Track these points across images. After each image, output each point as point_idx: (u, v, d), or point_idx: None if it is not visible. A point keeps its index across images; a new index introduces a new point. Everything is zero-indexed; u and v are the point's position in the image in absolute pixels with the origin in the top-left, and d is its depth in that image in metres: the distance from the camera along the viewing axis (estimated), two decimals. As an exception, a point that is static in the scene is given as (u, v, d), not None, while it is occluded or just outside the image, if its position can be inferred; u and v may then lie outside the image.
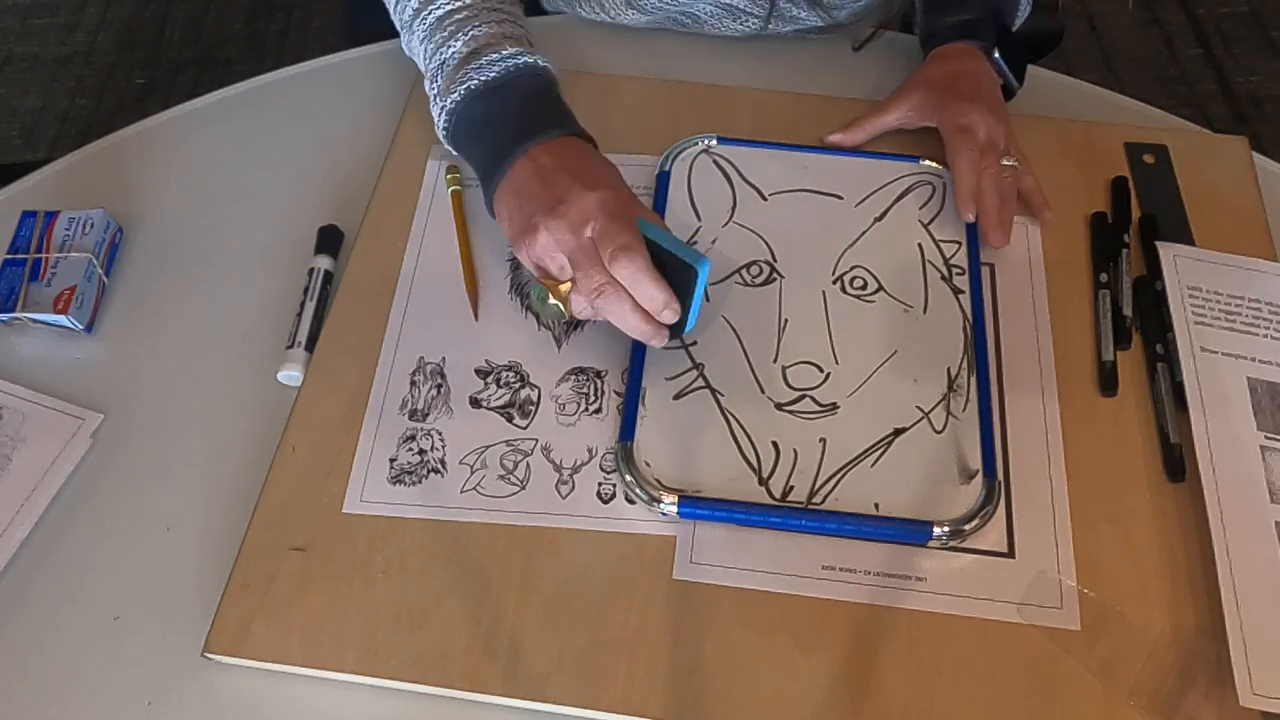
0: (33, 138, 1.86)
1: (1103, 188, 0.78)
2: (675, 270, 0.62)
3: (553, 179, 0.63)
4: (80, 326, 0.71)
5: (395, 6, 0.76)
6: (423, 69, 0.73)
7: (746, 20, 0.85)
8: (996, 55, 0.79)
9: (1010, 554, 0.61)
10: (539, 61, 0.69)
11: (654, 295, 0.61)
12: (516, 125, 0.67)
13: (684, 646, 0.58)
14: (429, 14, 0.72)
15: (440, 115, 0.70)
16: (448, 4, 0.71)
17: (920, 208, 0.76)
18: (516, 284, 0.72)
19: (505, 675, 0.57)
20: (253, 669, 0.58)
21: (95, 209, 0.74)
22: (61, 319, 0.70)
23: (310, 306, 0.71)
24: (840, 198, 0.76)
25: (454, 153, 0.73)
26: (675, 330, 0.64)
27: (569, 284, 0.62)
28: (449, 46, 0.70)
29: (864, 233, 0.74)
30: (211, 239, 0.77)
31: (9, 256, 0.72)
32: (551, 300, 0.61)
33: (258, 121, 0.84)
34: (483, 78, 0.68)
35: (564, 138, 0.66)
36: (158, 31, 2.03)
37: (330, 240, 0.75)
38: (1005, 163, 0.74)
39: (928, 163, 0.78)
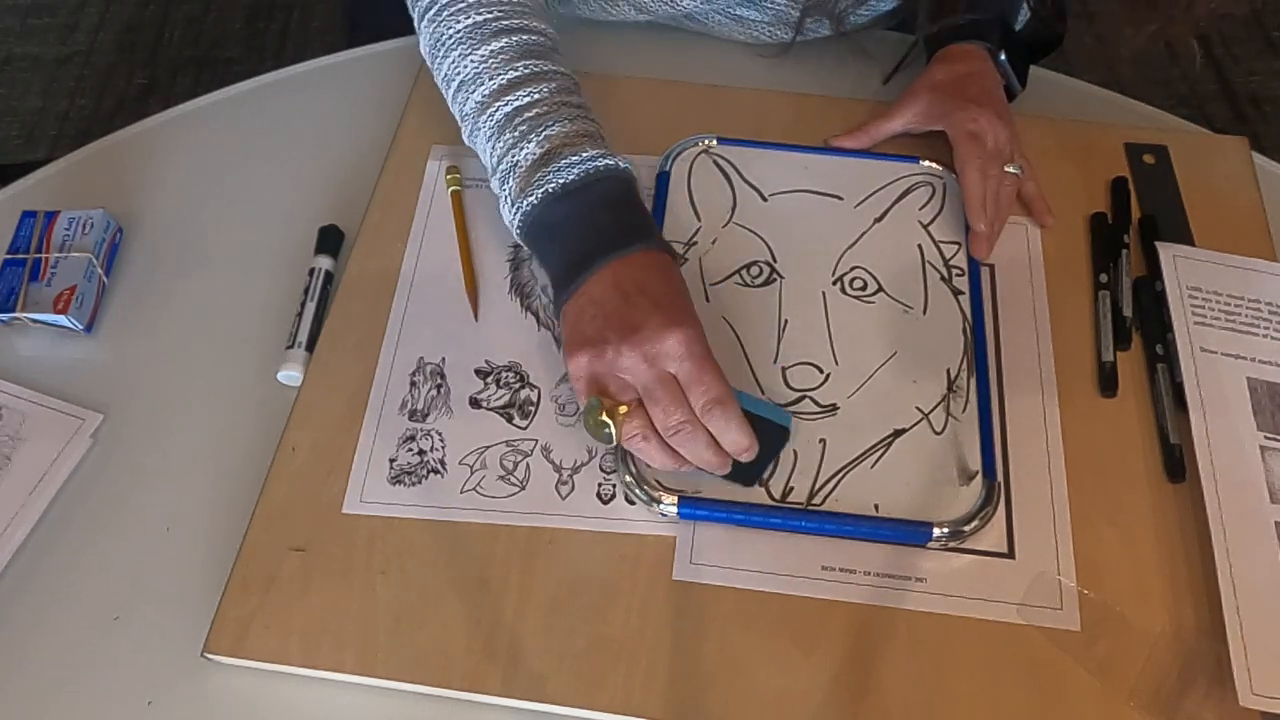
0: (33, 138, 1.86)
1: (1102, 188, 0.78)
2: (756, 424, 0.61)
3: (632, 299, 0.61)
4: (80, 326, 0.71)
5: (455, 99, 0.72)
6: (487, 165, 0.69)
7: (770, 33, 0.86)
8: (1002, 58, 0.79)
9: (1010, 554, 0.61)
10: (619, 164, 0.66)
11: (739, 441, 0.60)
12: (597, 234, 0.64)
13: (684, 647, 0.58)
14: (496, 110, 0.68)
15: (515, 216, 0.66)
16: (517, 100, 0.68)
17: (920, 208, 0.76)
18: (516, 284, 0.72)
19: (505, 676, 0.57)
20: (252, 669, 0.58)
21: (95, 209, 0.74)
22: (61, 319, 0.70)
23: (310, 306, 0.71)
24: (840, 198, 0.76)
25: (525, 248, 0.70)
26: (748, 476, 0.62)
27: (627, 406, 0.60)
28: (521, 148, 0.66)
29: (864, 233, 0.74)
30: (211, 239, 0.77)
31: (9, 256, 0.72)
32: (604, 418, 0.59)
33: (258, 121, 0.84)
34: (561, 180, 0.64)
35: (645, 252, 0.63)
36: (158, 31, 2.03)
37: (330, 240, 0.75)
38: (1008, 169, 0.74)
39: (928, 164, 0.78)
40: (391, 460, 0.64)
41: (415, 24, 0.76)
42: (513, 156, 0.67)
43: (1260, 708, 0.55)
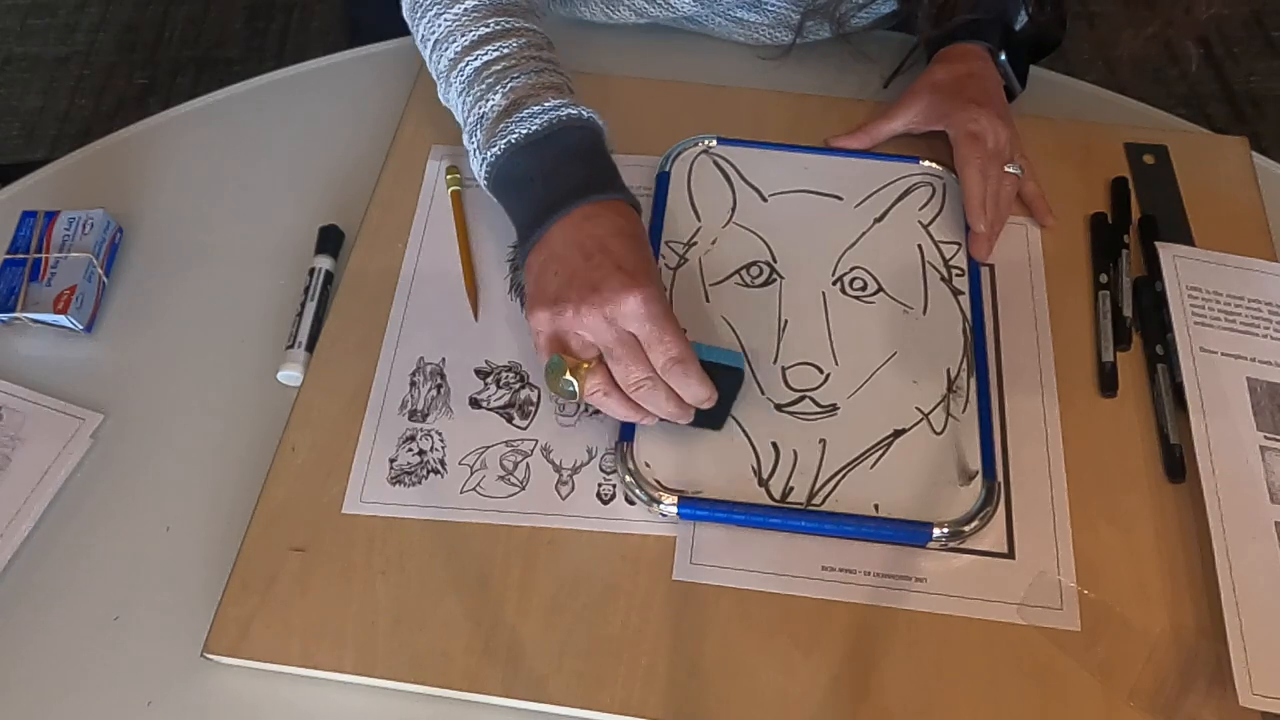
0: (33, 138, 1.86)
1: (1102, 188, 0.78)
2: (713, 372, 0.63)
3: (594, 257, 0.61)
4: (80, 326, 0.71)
5: (430, 58, 0.73)
6: (460, 121, 0.70)
7: (770, 35, 0.86)
8: (1003, 58, 0.79)
9: (1010, 555, 0.61)
10: (583, 113, 0.67)
11: (699, 394, 0.61)
12: (559, 183, 0.64)
13: (684, 647, 0.58)
14: (466, 65, 0.69)
15: (481, 167, 0.68)
16: (485, 54, 0.69)
17: (920, 209, 0.76)
18: (516, 284, 0.72)
19: (505, 676, 0.57)
20: (252, 669, 0.58)
21: (95, 209, 0.74)
22: (61, 319, 0.70)
23: (310, 306, 0.71)
24: (840, 198, 0.76)
25: (495, 200, 0.70)
26: (712, 420, 0.64)
27: (588, 364, 0.61)
28: (487, 100, 0.67)
29: (864, 234, 0.74)
30: (211, 239, 0.77)
31: (9, 256, 0.72)
32: (567, 376, 0.60)
33: (258, 121, 0.84)
34: (524, 130, 0.65)
35: (608, 202, 0.64)
36: (158, 31, 2.03)
37: (330, 240, 0.75)
38: (1009, 170, 0.74)
39: (928, 164, 0.78)
40: (391, 460, 0.64)
41: None
42: (479, 109, 0.68)
43: (1260, 708, 0.55)
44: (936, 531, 0.61)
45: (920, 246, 0.74)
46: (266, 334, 0.71)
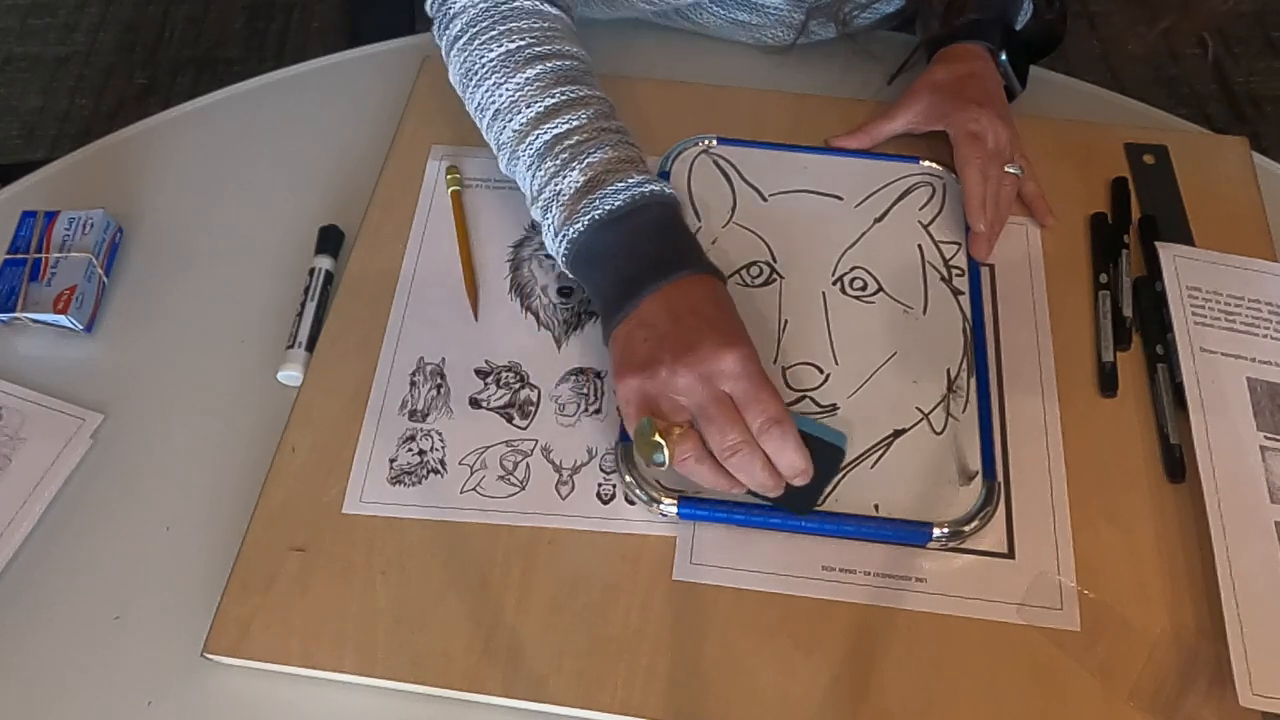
0: (33, 138, 1.86)
1: (1103, 188, 0.78)
2: (811, 446, 0.60)
3: (684, 320, 0.60)
4: (80, 326, 0.71)
5: (490, 126, 0.71)
6: (527, 192, 0.69)
7: (772, 35, 0.85)
8: (1003, 58, 0.79)
9: (1010, 555, 0.61)
10: (664, 190, 0.65)
11: (795, 463, 0.59)
12: (645, 260, 0.63)
13: (684, 647, 0.58)
14: (535, 139, 0.67)
15: (561, 244, 0.65)
16: (555, 128, 0.67)
17: (920, 209, 0.76)
18: (516, 284, 0.72)
19: (505, 676, 0.57)
20: (252, 669, 0.58)
21: (95, 209, 0.74)
22: (61, 319, 0.70)
23: (310, 306, 0.71)
24: (840, 198, 0.76)
25: (570, 275, 0.68)
26: (802, 502, 0.61)
27: (680, 428, 0.59)
28: (564, 176, 0.65)
29: (864, 234, 0.74)
30: (211, 239, 0.77)
31: (9, 256, 0.72)
32: (657, 438, 0.58)
33: (258, 121, 0.84)
34: (607, 207, 0.64)
35: (694, 276, 0.62)
36: (158, 31, 2.03)
37: (330, 240, 0.75)
38: (1009, 170, 0.74)
39: (928, 164, 0.78)
40: (391, 460, 0.64)
41: (444, 53, 0.75)
42: (555, 185, 0.66)
43: (1260, 708, 0.55)
44: (936, 531, 0.61)
45: (920, 246, 0.74)
46: (266, 334, 0.71)
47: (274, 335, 0.71)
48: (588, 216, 0.64)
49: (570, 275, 0.68)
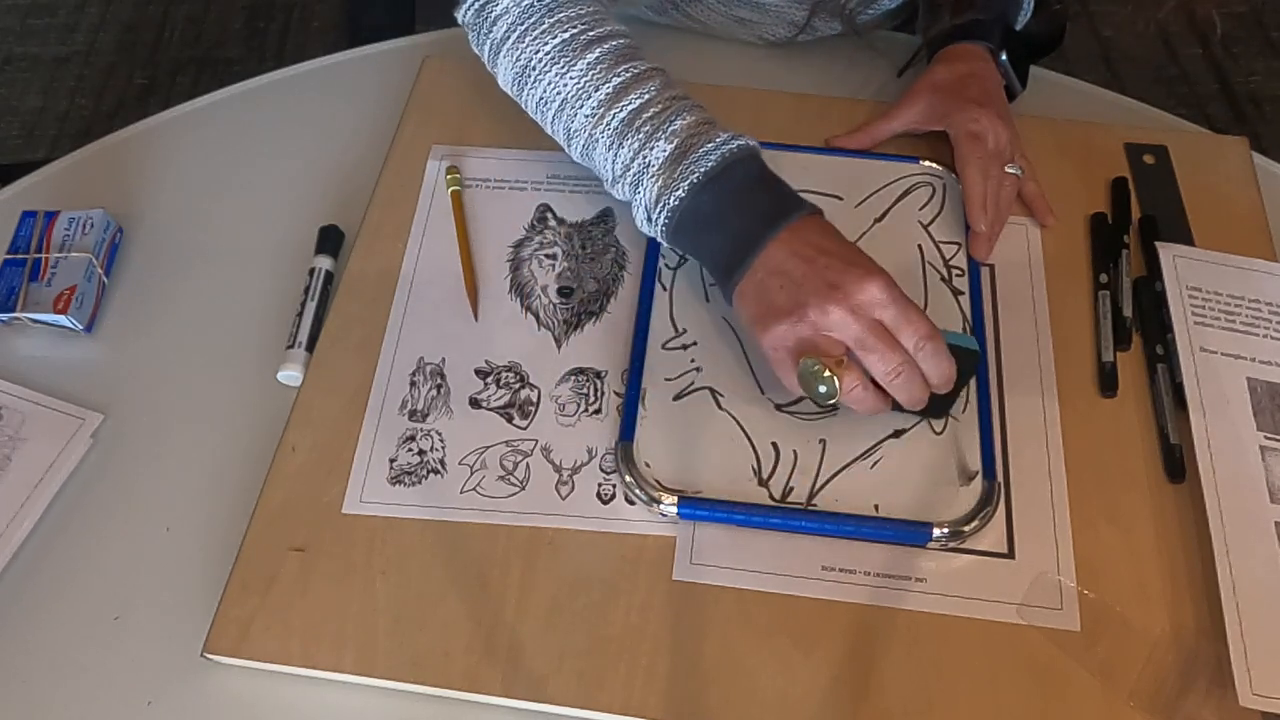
0: (33, 138, 1.86)
1: (1102, 188, 0.78)
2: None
3: (815, 261, 0.62)
4: (80, 326, 0.71)
5: (557, 118, 0.70)
6: (608, 173, 0.69)
7: (774, 33, 0.85)
8: (1003, 58, 0.79)
9: (1010, 555, 0.61)
10: (749, 143, 0.66)
11: (947, 372, 0.62)
12: (755, 212, 0.64)
13: (684, 647, 0.58)
14: (611, 118, 0.67)
15: (661, 214, 0.66)
16: (630, 104, 0.67)
17: (920, 209, 0.76)
18: (516, 284, 0.72)
19: (505, 676, 0.57)
20: (252, 669, 0.58)
21: (95, 209, 0.74)
22: (61, 319, 0.70)
23: (310, 306, 0.71)
24: (840, 198, 0.76)
25: (674, 250, 0.69)
26: (941, 408, 0.64)
27: (843, 362, 0.61)
28: (651, 147, 0.66)
29: (864, 233, 0.74)
30: (211, 239, 0.77)
31: (9, 256, 0.72)
32: (827, 374, 0.60)
33: (258, 121, 0.84)
34: (704, 168, 0.65)
35: (807, 218, 0.64)
36: (158, 31, 2.03)
37: (330, 240, 0.75)
38: (1009, 170, 0.74)
39: (928, 164, 0.78)
40: (391, 460, 0.64)
41: (486, 59, 0.74)
42: (643, 158, 0.66)
43: (1260, 708, 0.55)
44: (936, 531, 0.61)
45: (920, 246, 0.74)
46: (266, 334, 0.71)
47: (274, 335, 0.71)
48: (686, 181, 0.65)
49: (673, 246, 0.69)
